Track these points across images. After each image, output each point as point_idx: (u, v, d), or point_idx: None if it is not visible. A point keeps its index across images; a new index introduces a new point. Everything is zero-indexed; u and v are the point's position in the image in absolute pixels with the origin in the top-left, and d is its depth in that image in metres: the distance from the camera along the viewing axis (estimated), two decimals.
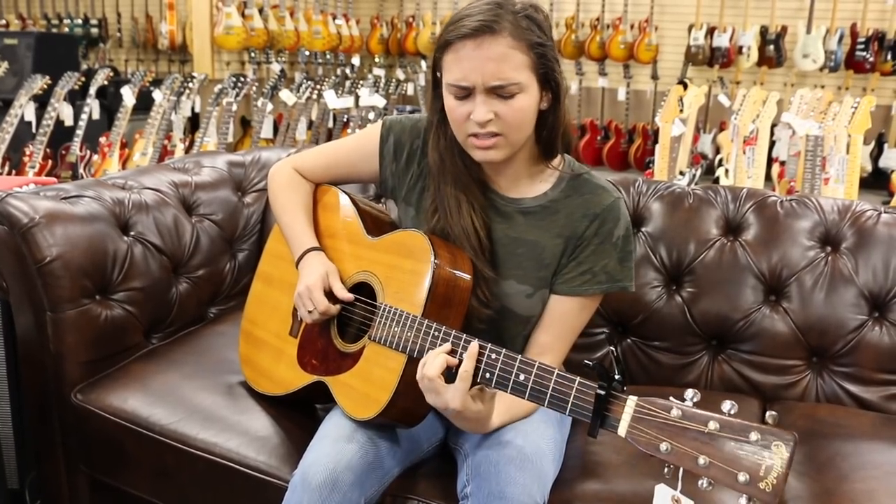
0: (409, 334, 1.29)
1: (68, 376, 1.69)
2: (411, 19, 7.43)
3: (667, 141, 4.21)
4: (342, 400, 1.38)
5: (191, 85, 5.04)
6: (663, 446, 1.01)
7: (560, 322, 1.39)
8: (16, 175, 4.49)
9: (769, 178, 4.93)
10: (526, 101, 1.27)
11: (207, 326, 1.97)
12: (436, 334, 1.25)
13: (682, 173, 4.43)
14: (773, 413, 0.98)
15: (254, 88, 5.31)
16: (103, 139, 4.77)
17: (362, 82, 5.70)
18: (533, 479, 1.24)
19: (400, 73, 7.42)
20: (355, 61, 7.19)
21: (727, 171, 4.47)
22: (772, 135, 4.87)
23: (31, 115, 4.67)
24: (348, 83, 5.69)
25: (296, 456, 1.38)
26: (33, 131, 4.63)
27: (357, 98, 5.40)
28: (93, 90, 4.85)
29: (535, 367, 1.15)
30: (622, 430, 1.05)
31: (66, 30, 7.46)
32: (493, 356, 1.19)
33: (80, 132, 4.68)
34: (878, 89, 6.19)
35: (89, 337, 1.71)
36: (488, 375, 1.19)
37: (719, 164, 4.71)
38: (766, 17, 6.37)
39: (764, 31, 6.35)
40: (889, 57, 6.03)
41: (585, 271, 1.36)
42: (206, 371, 1.71)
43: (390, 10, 7.66)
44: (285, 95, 5.24)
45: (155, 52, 7.50)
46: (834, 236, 1.78)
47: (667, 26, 6.78)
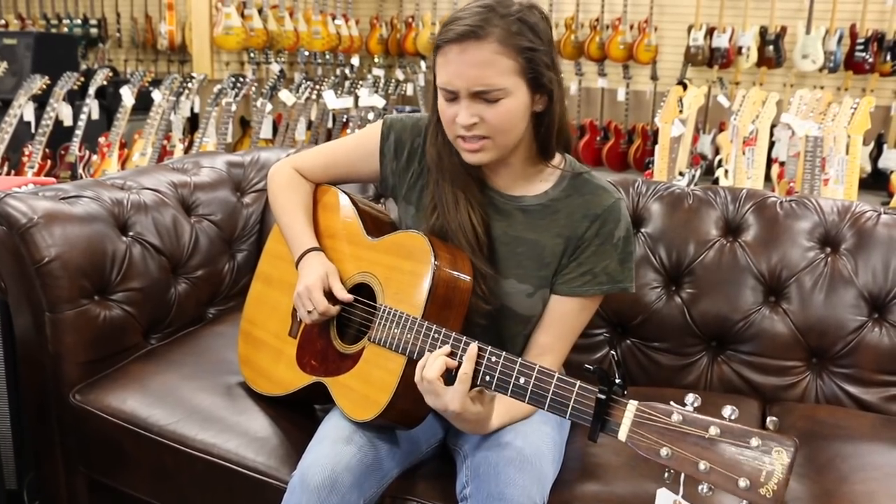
0: (408, 336, 1.28)
1: (67, 377, 1.68)
2: (411, 20, 7.44)
3: (666, 141, 4.21)
4: (341, 401, 1.38)
5: (190, 85, 5.04)
6: (664, 451, 1.01)
7: (560, 322, 1.39)
8: (15, 175, 4.49)
9: (769, 178, 4.93)
10: (512, 105, 1.26)
11: (206, 327, 1.97)
12: (436, 336, 1.25)
13: (681, 174, 4.43)
14: (774, 419, 0.98)
15: (253, 89, 5.31)
16: (102, 139, 4.76)
17: (362, 82, 5.70)
18: (532, 480, 1.23)
19: (399, 74, 7.42)
20: (355, 62, 7.19)
21: (727, 171, 4.47)
22: (771, 135, 4.87)
23: (30, 115, 4.67)
24: (348, 83, 5.70)
25: (295, 457, 1.38)
26: (32, 131, 4.62)
27: (356, 98, 5.40)
28: (92, 90, 4.84)
29: (536, 371, 1.15)
30: (622, 434, 1.05)
31: (66, 30, 7.46)
32: (493, 359, 1.19)
33: (79, 132, 4.67)
34: (877, 90, 6.19)
35: (88, 337, 1.71)
36: (488, 378, 1.19)
37: (719, 165, 4.71)
38: (766, 18, 6.37)
39: (763, 32, 6.35)
40: (888, 58, 6.04)
41: (586, 272, 1.36)
42: (205, 371, 1.71)
43: (390, 11, 7.67)
44: (284, 96, 5.23)
45: (154, 52, 7.50)
46: (834, 237, 1.78)
47: (666, 27, 6.79)
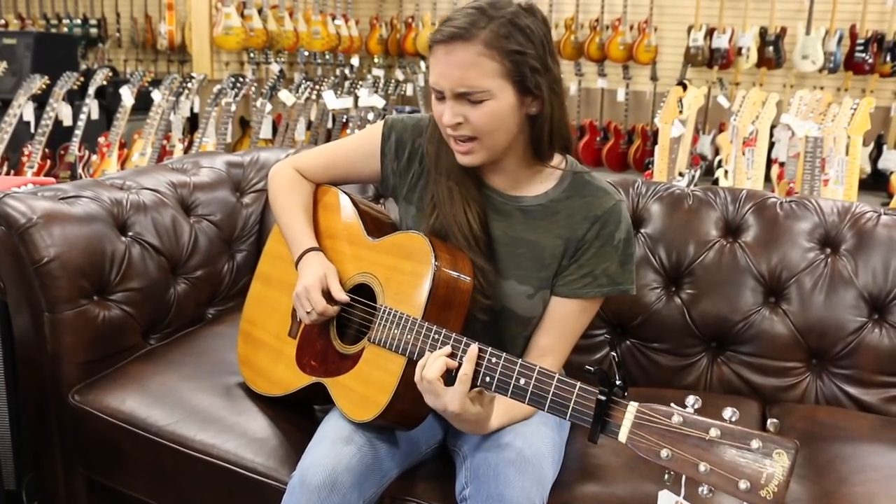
0: (408, 336, 1.28)
1: (66, 377, 1.68)
2: (410, 20, 7.44)
3: (666, 142, 4.21)
4: (341, 401, 1.37)
5: (190, 85, 5.03)
6: (664, 453, 1.00)
7: (560, 324, 1.39)
8: (14, 175, 4.49)
9: (768, 179, 4.93)
10: (495, 107, 1.26)
11: (206, 327, 1.97)
12: (436, 337, 1.25)
13: (681, 174, 4.43)
14: (775, 421, 0.97)
15: (253, 89, 5.30)
16: (102, 139, 4.76)
17: (361, 83, 5.70)
18: (532, 481, 1.23)
19: (399, 74, 7.42)
20: (354, 62, 7.19)
21: (726, 172, 4.47)
22: (771, 136, 4.87)
23: (29, 115, 4.66)
24: (347, 83, 5.70)
25: (294, 457, 1.38)
26: (32, 131, 4.62)
27: (356, 98, 5.40)
28: (92, 90, 4.84)
29: (536, 372, 1.15)
30: (623, 436, 1.05)
31: (66, 30, 7.45)
32: (494, 360, 1.18)
33: (78, 132, 4.67)
34: (877, 91, 6.19)
35: (87, 338, 1.71)
36: (488, 379, 1.19)
37: (718, 166, 4.71)
38: (766, 19, 6.37)
39: (763, 33, 6.35)
40: (888, 58, 6.04)
41: (586, 274, 1.36)
42: (205, 372, 1.71)
43: (389, 11, 7.67)
44: (284, 96, 5.23)
45: (154, 52, 7.49)
46: (834, 238, 1.78)
47: (666, 27, 6.79)
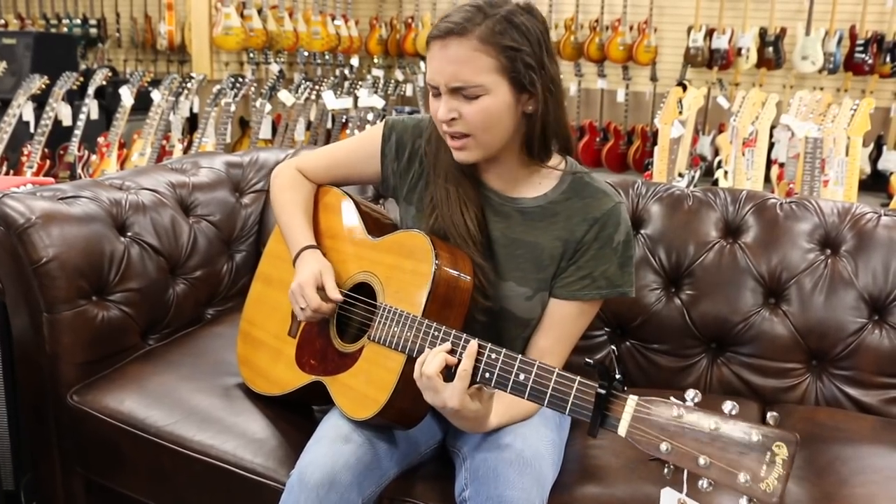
0: (408, 334, 1.28)
1: (64, 377, 1.68)
2: (410, 20, 7.44)
3: (666, 143, 4.21)
4: (340, 400, 1.37)
5: (189, 85, 5.03)
6: (663, 446, 1.00)
7: (559, 326, 1.38)
8: (13, 175, 4.48)
9: (768, 180, 4.93)
10: (490, 103, 1.26)
11: (205, 328, 1.97)
12: (435, 334, 1.25)
13: (681, 175, 4.43)
14: (775, 414, 0.97)
15: (252, 89, 5.30)
16: (101, 139, 4.76)
17: (361, 83, 5.70)
18: (532, 482, 1.23)
19: (399, 74, 7.42)
20: (354, 62, 7.19)
21: (726, 172, 4.47)
22: (771, 137, 4.87)
23: (29, 115, 4.66)
24: (347, 84, 5.70)
25: (293, 458, 1.37)
26: (31, 131, 4.61)
27: (356, 99, 5.39)
28: (91, 90, 4.83)
29: (535, 367, 1.15)
30: (622, 429, 1.04)
31: (65, 30, 7.44)
32: (493, 356, 1.18)
33: (78, 132, 4.66)
34: (877, 91, 6.19)
35: (86, 338, 1.70)
36: (488, 375, 1.19)
37: (718, 166, 4.71)
38: (766, 19, 6.38)
39: (763, 33, 6.35)
40: (888, 59, 6.04)
41: (585, 276, 1.35)
42: (204, 372, 1.70)
43: (389, 11, 7.67)
44: (284, 96, 5.23)
45: (154, 52, 7.49)
46: (834, 239, 1.77)
47: (666, 28, 6.79)
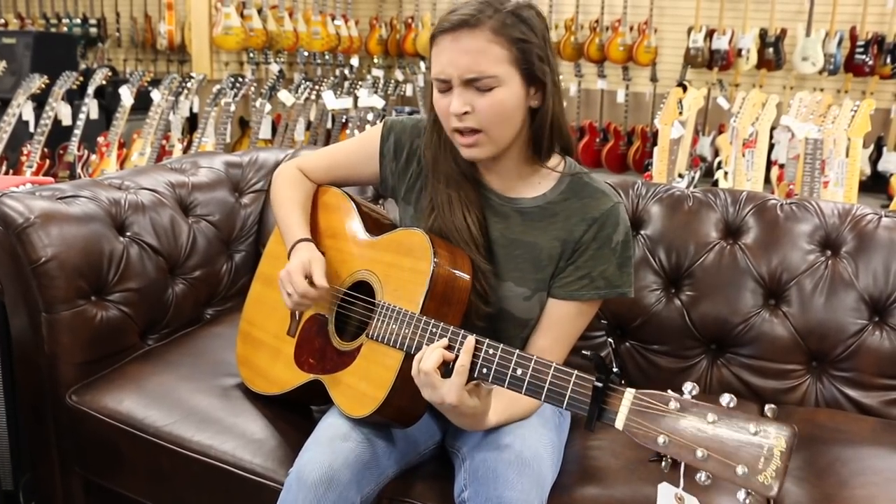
0: (406, 331, 1.28)
1: (63, 377, 1.68)
2: (410, 20, 7.44)
3: (666, 143, 4.21)
4: (338, 398, 1.37)
5: (189, 85, 5.03)
6: (661, 439, 0.99)
7: (557, 326, 1.38)
8: (13, 175, 4.48)
9: (768, 180, 4.93)
10: (505, 94, 1.26)
11: (204, 328, 1.96)
12: (433, 331, 1.25)
13: (680, 176, 4.43)
14: (773, 406, 0.96)
15: (252, 89, 5.30)
16: (101, 139, 4.75)
17: (361, 83, 5.70)
18: (531, 483, 1.23)
19: (399, 74, 7.42)
20: (354, 62, 7.19)
21: (726, 173, 4.47)
22: (771, 138, 4.87)
23: (28, 115, 4.65)
24: (347, 84, 5.69)
25: (292, 458, 1.37)
26: (31, 131, 4.61)
27: (356, 99, 5.39)
28: (91, 90, 4.83)
29: (533, 362, 1.15)
30: (619, 422, 1.03)
31: (65, 29, 7.45)
32: (491, 351, 1.18)
33: (77, 132, 4.66)
34: (877, 92, 6.19)
35: (84, 338, 1.70)
36: (485, 370, 1.18)
37: (718, 167, 4.71)
38: (766, 20, 6.37)
39: (763, 34, 6.35)
40: (888, 60, 6.04)
41: (583, 276, 1.35)
42: (203, 373, 1.70)
43: (389, 11, 7.67)
44: (284, 96, 5.23)
45: (153, 52, 7.49)
46: (834, 240, 1.77)
47: (666, 28, 6.79)
